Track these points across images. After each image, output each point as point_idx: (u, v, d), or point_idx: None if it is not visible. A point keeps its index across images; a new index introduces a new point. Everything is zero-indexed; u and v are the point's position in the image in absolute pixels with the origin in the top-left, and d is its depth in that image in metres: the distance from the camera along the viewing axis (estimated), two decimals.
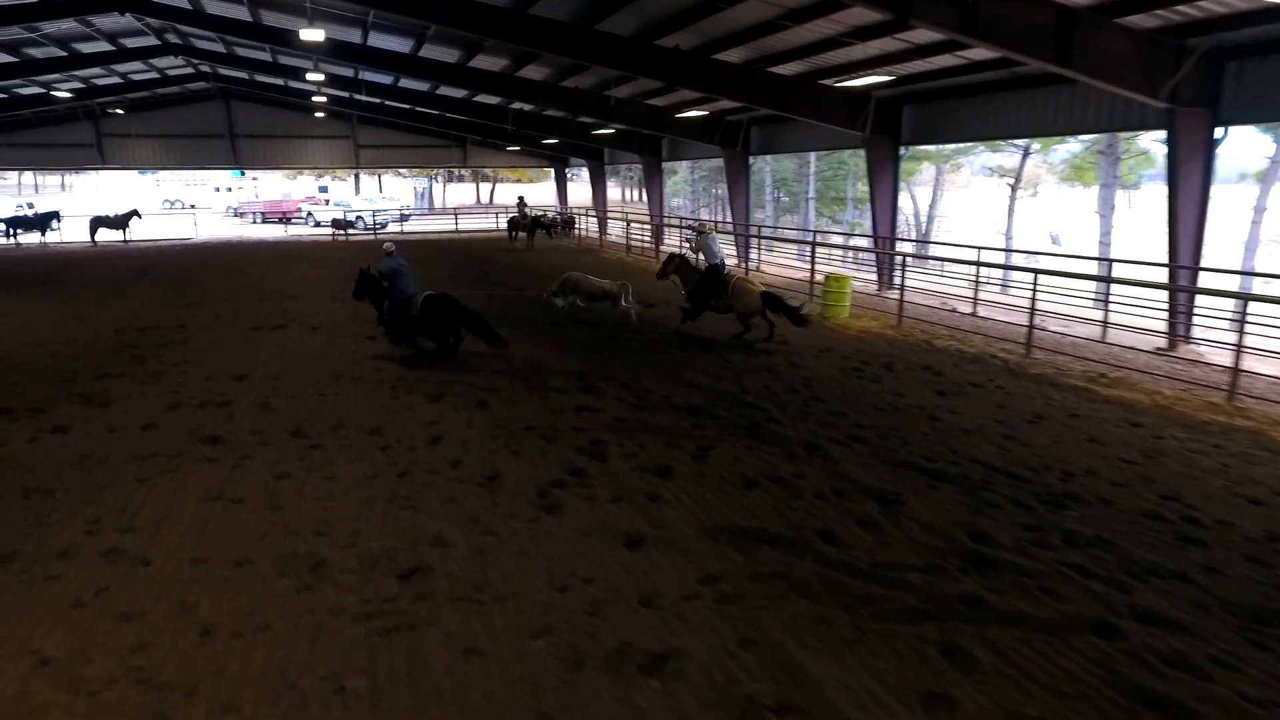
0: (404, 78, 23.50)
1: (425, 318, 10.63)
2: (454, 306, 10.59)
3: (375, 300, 11.45)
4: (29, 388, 9.66)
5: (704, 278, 12.16)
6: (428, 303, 10.63)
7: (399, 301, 10.90)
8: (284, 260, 24.77)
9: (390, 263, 11.17)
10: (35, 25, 18.92)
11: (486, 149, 36.45)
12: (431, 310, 10.59)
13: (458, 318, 10.62)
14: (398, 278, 10.97)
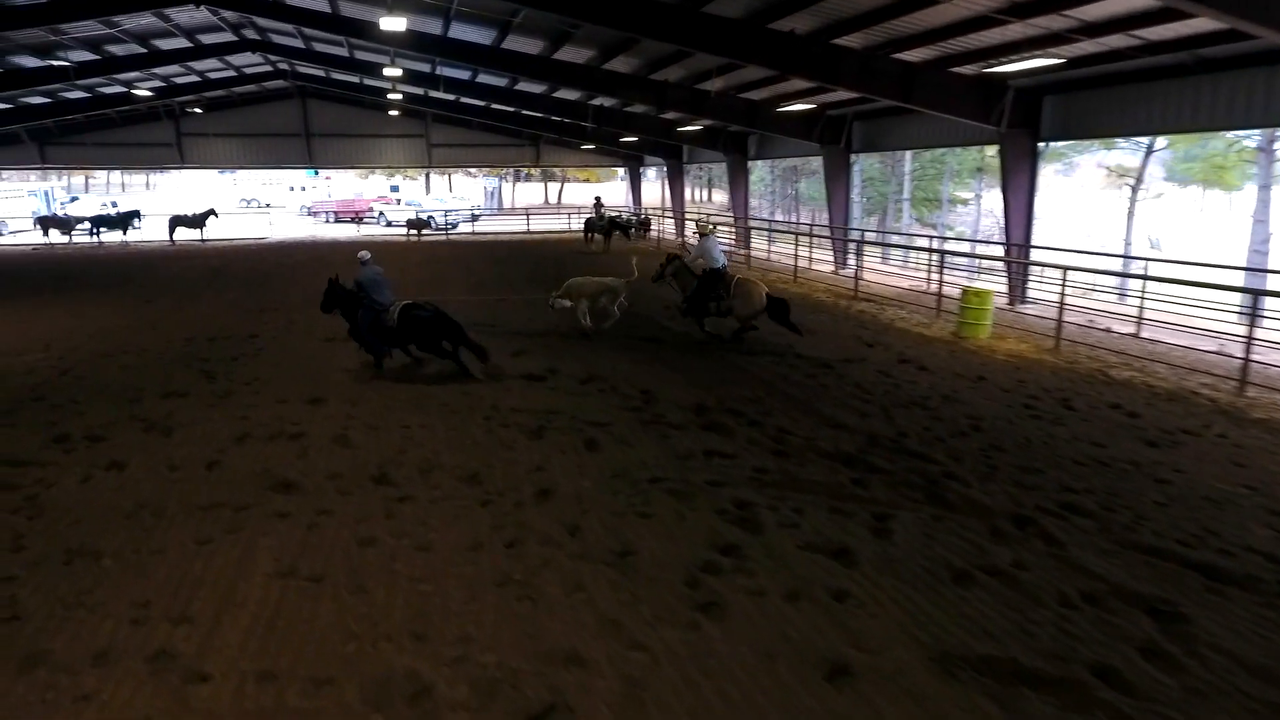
0: (483, 72, 22.51)
1: (404, 328, 9.94)
2: (434, 316, 9.87)
3: (347, 312, 10.43)
4: (91, 408, 8.78)
5: (703, 282, 11.57)
6: (405, 313, 9.89)
7: (375, 312, 10.06)
8: (357, 262, 24.07)
9: (366, 272, 10.28)
10: (114, 21, 18.49)
11: (560, 148, 35.42)
12: (410, 320, 9.87)
13: (439, 328, 9.87)
14: (374, 288, 10.13)
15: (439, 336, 9.92)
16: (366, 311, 10.12)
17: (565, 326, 12.88)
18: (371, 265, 10.40)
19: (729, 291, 11.37)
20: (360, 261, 10.42)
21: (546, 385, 9.60)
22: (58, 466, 6.97)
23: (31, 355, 11.65)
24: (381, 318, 10.01)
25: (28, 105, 27.34)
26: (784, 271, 19.81)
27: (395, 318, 9.92)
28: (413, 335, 10.06)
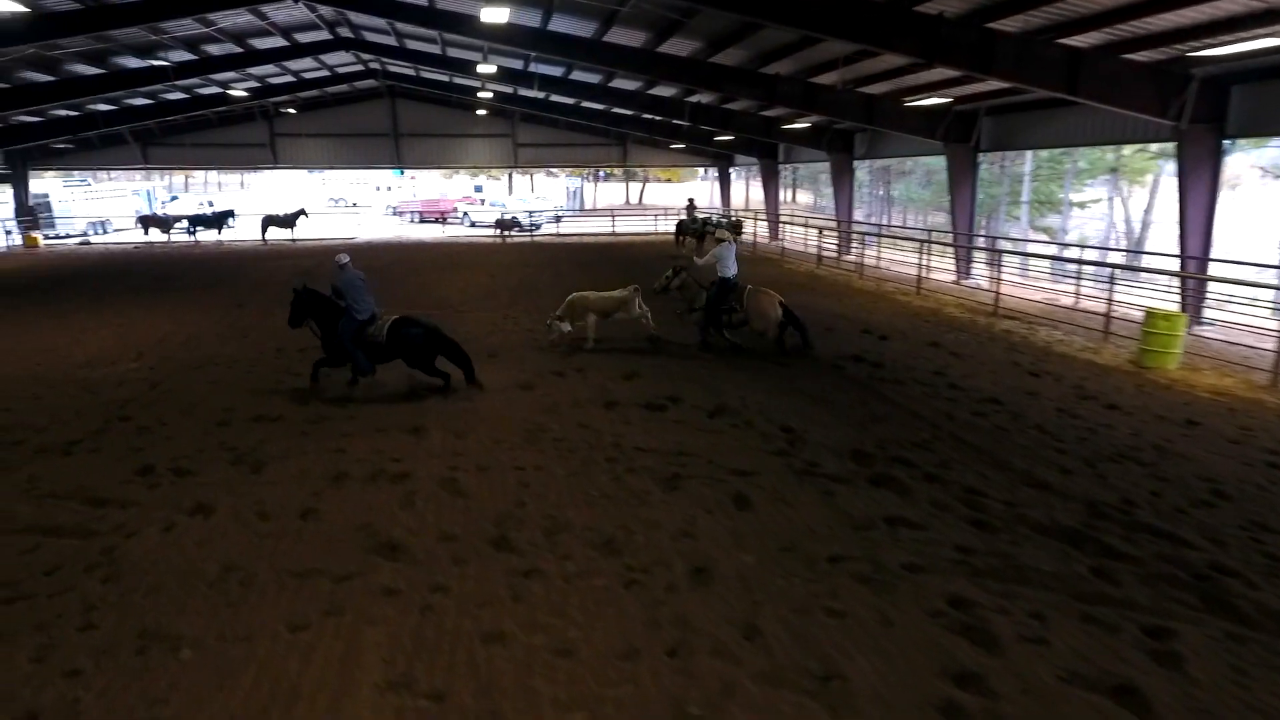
0: (578, 68, 21.56)
1: (393, 346, 9.11)
2: (428, 331, 9.15)
3: (323, 324, 9.36)
4: (179, 432, 8.06)
5: (718, 292, 10.92)
6: (397, 330, 9.09)
7: (358, 324, 9.10)
8: (445, 265, 23.51)
9: (346, 276, 9.20)
10: (210, 19, 18.25)
11: (647, 147, 34.38)
12: (401, 339, 9.08)
13: (435, 345, 9.16)
14: (355, 295, 9.12)
15: (433, 355, 9.17)
16: (348, 322, 9.13)
17: (679, 344, 11.70)
18: (351, 269, 9.34)
19: (741, 304, 10.82)
20: (338, 265, 9.36)
21: (669, 417, 8.43)
22: (139, 508, 6.17)
23: (124, 365, 11.16)
24: (367, 331, 9.13)
25: (131, 106, 27.84)
26: (901, 281, 18.19)
27: (384, 334, 9.07)
28: (403, 353, 9.20)
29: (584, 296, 11.56)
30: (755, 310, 10.86)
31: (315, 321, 9.45)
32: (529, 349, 11.75)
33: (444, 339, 9.25)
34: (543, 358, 11.17)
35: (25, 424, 8.42)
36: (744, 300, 10.83)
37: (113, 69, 21.64)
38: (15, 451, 7.58)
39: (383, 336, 9.10)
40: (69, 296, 17.69)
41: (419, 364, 9.30)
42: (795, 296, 16.45)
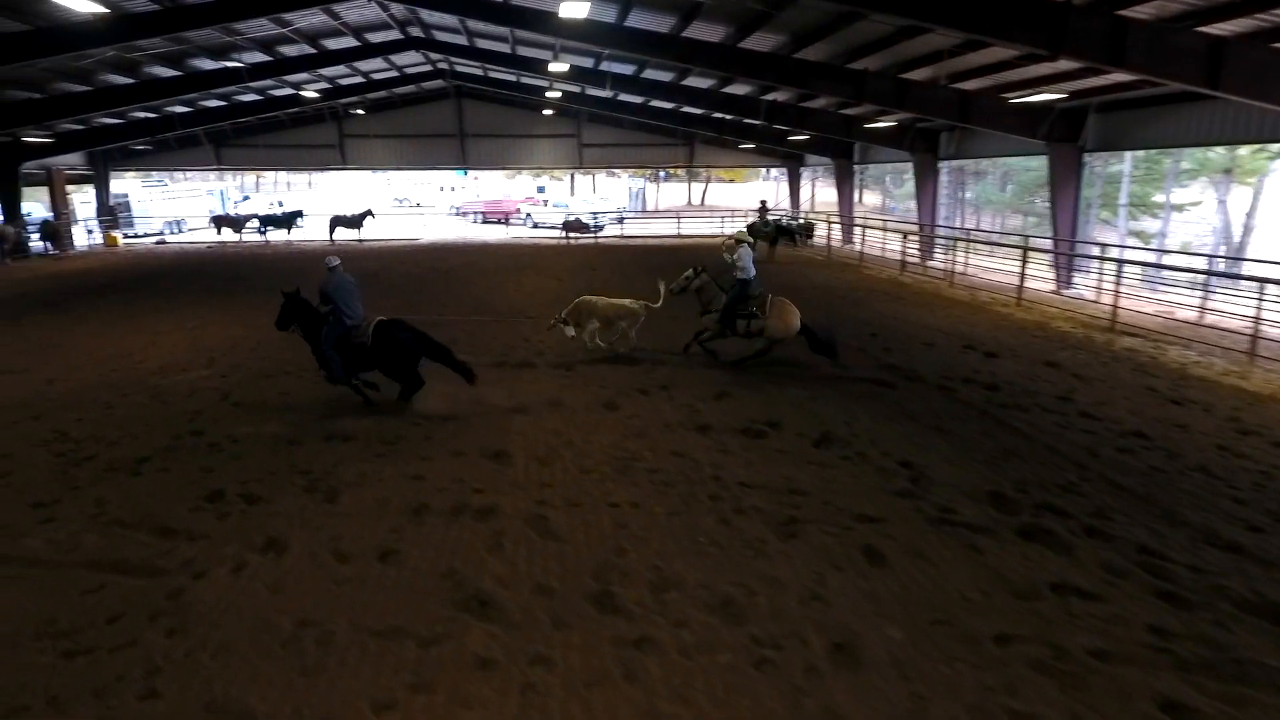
0: (651, 66, 20.88)
1: (379, 350, 8.61)
2: (416, 335, 8.74)
3: (308, 331, 8.89)
4: (251, 450, 7.63)
5: (737, 295, 10.55)
6: (382, 331, 8.58)
7: (344, 329, 8.64)
8: (511, 267, 23.10)
9: (335, 280, 8.71)
10: (285, 20, 18.13)
11: (715, 147, 33.55)
12: (387, 341, 8.58)
13: (421, 349, 8.74)
14: (345, 299, 8.66)
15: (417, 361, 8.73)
16: (332, 327, 8.67)
17: (775, 361, 10.92)
18: (341, 273, 8.83)
19: (763, 310, 10.40)
20: (328, 267, 8.84)
21: (771, 445, 7.65)
22: (209, 541, 5.68)
23: (196, 372, 10.90)
24: (351, 335, 8.62)
25: (207, 108, 28.24)
26: (996, 290, 17.01)
27: (369, 336, 8.56)
28: (388, 358, 8.68)
29: (591, 301, 11.12)
30: (777, 318, 10.40)
31: (302, 327, 9.01)
32: (600, 363, 11.10)
33: (432, 344, 8.84)
34: (622, 372, 10.51)
35: (97, 436, 8.11)
36: (765, 307, 10.44)
37: (189, 71, 21.82)
38: (86, 468, 7.24)
39: (368, 339, 8.60)
40: (145, 297, 17.77)
41: (401, 372, 8.77)
42: (884, 306, 15.53)
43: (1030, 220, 36.88)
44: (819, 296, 16.98)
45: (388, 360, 8.77)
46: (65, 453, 7.65)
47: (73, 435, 8.15)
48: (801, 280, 19.69)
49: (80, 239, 31.38)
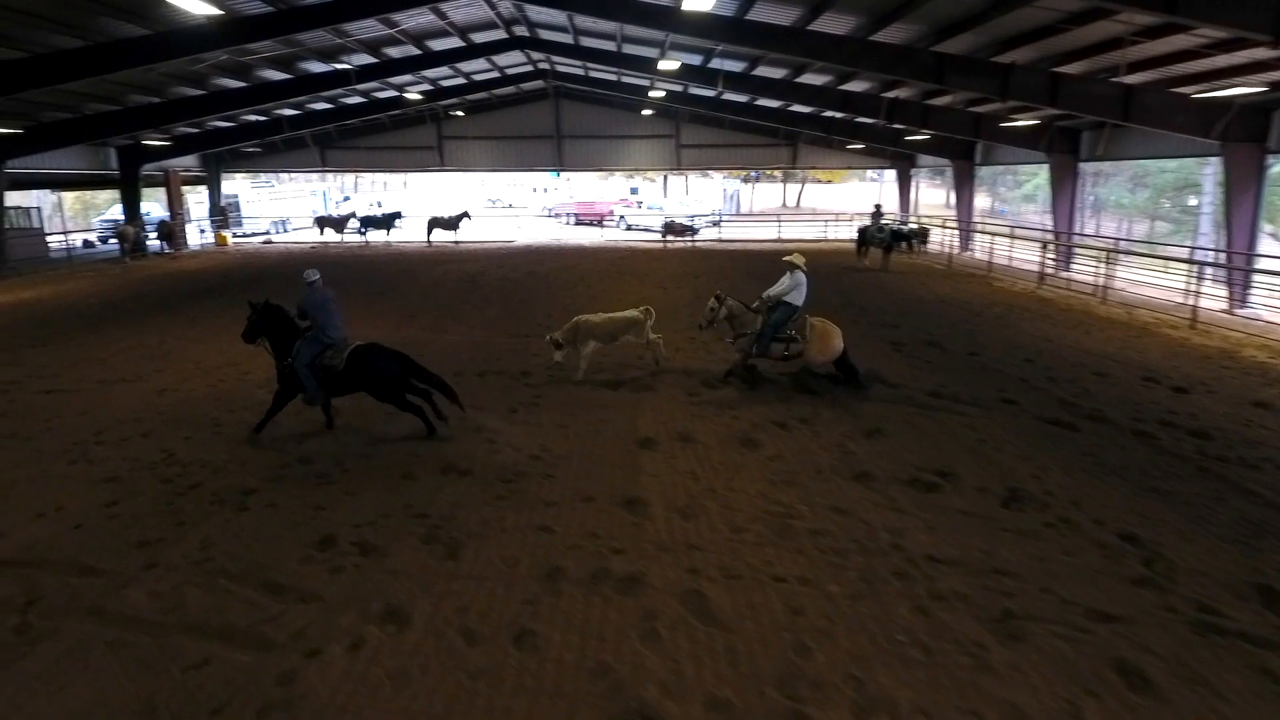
0: (765, 62, 19.75)
1: (352, 374, 7.96)
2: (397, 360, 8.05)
3: (278, 346, 8.21)
4: (362, 484, 6.99)
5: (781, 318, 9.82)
6: (358, 356, 7.96)
7: (320, 348, 8.01)
8: (611, 273, 22.37)
9: (314, 296, 8.08)
10: (394, 20, 17.86)
11: (820, 148, 32.07)
12: (364, 366, 7.95)
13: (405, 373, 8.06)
14: (325, 317, 8.05)
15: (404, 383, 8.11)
16: (309, 345, 8.02)
17: (916, 388, 9.73)
18: (321, 287, 8.15)
19: (803, 335, 9.72)
20: (306, 282, 8.15)
21: (950, 504, 6.50)
22: (322, 606, 4.99)
23: None
24: (325, 356, 7.97)
25: (314, 111, 28.64)
26: (1157, 309, 15.17)
27: (343, 360, 7.94)
28: (365, 383, 8.05)
29: (589, 321, 10.43)
30: (819, 342, 9.68)
31: (270, 341, 8.28)
32: (731, 386, 10.10)
33: (416, 367, 8.15)
34: (753, 400, 9.51)
35: (204, 460, 7.65)
36: (805, 331, 9.72)
37: (298, 74, 21.96)
38: (192, 498, 6.73)
39: (341, 363, 7.95)
40: (252, 300, 17.75)
41: (389, 398, 8.14)
42: (1031, 326, 13.96)
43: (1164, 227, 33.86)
44: (951, 313, 15.54)
45: (372, 387, 8.12)
46: (172, 478, 7.19)
47: (180, 457, 7.71)
48: (925, 293, 18.22)
49: (193, 238, 32.46)
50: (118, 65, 15.17)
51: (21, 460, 7.66)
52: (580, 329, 10.39)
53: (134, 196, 28.89)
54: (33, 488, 7.00)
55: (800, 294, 9.96)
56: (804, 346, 9.76)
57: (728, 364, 10.56)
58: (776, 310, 9.87)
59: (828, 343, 9.68)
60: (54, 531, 6.12)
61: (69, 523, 6.28)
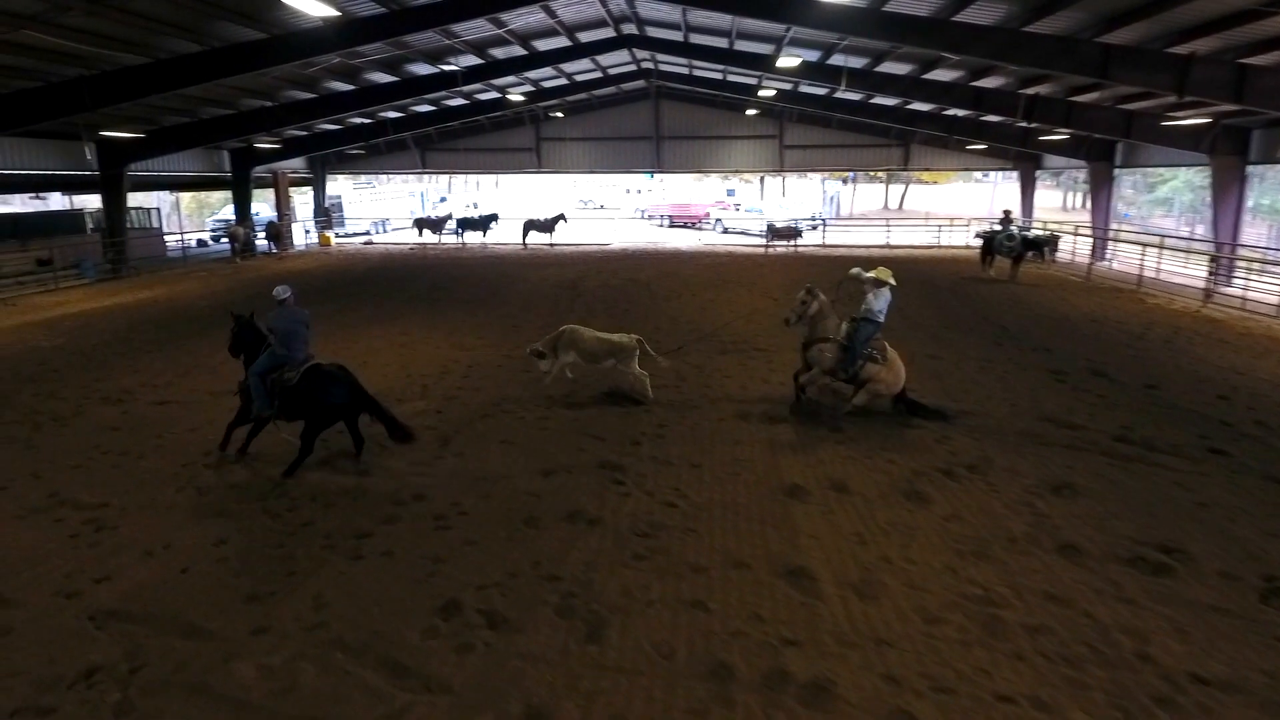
0: (893, 56, 18.36)
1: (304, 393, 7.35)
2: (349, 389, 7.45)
3: (249, 359, 7.86)
4: (484, 532, 6.31)
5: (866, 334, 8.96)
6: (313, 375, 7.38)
7: (276, 362, 7.50)
8: (713, 280, 21.39)
9: (282, 315, 7.62)
10: (503, 20, 17.38)
11: (934, 148, 30.21)
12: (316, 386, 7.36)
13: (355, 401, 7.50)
14: (287, 339, 7.55)
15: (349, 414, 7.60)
16: (270, 357, 7.58)
17: (1096, 430, 8.41)
18: (291, 306, 7.69)
19: (884, 356, 8.92)
20: (277, 300, 7.70)
21: (1194, 594, 5.29)
22: (451, 699, 4.26)
23: (410, 404, 9.89)
24: (281, 371, 7.47)
25: (417, 113, 28.74)
26: None
27: (299, 375, 7.39)
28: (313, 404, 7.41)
29: (577, 331, 9.88)
30: (893, 370, 8.99)
31: (245, 356, 7.95)
32: (878, 421, 9.00)
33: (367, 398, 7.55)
34: (905, 439, 8.41)
35: (313, 492, 7.11)
36: (885, 353, 8.96)
37: (405, 76, 21.87)
38: (302, 540, 6.15)
39: (295, 378, 7.39)
40: (356, 305, 17.64)
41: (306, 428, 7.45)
42: (1208, 353, 12.25)
43: None
44: (1109, 335, 13.93)
45: (304, 410, 7.41)
46: (281, 513, 6.65)
47: (290, 490, 7.18)
48: (1068, 309, 16.52)
49: (298, 238, 33.20)
50: (235, 69, 15.20)
51: (133, 483, 7.30)
52: (563, 338, 9.86)
53: (245, 198, 29.66)
54: (142, 518, 6.59)
55: (885, 312, 9.07)
56: (880, 370, 8.90)
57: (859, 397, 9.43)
58: (862, 326, 8.95)
59: (899, 371, 9.00)
60: (161, 576, 5.62)
61: (176, 564, 5.78)
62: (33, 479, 7.43)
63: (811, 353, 9.19)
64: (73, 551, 5.99)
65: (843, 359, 8.98)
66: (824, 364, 9.07)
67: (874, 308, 8.99)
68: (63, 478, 7.43)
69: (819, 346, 9.11)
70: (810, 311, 9.19)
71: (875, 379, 8.92)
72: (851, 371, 8.99)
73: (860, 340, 8.90)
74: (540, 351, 10.00)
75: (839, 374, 9.10)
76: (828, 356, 9.05)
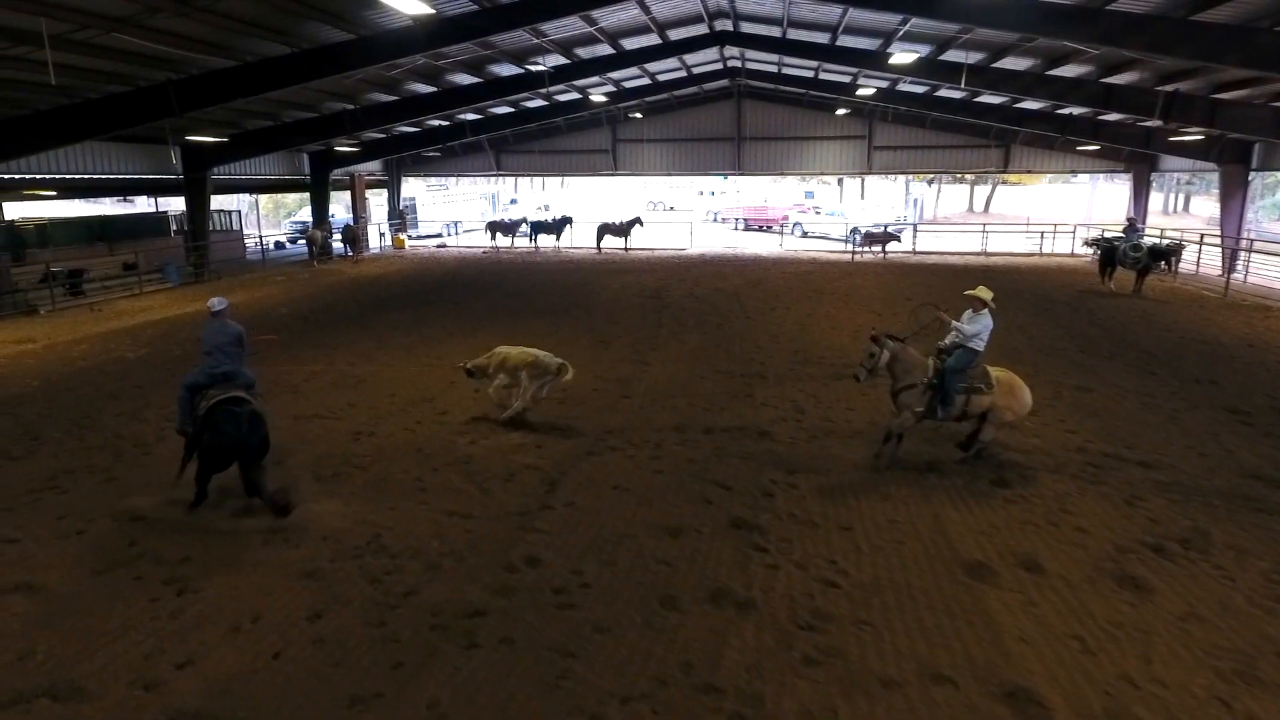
0: (1017, 52, 16.82)
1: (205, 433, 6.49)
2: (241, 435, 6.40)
3: None
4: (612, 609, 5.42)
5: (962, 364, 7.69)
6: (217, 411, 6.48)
7: (198, 387, 6.82)
8: (804, 291, 20.15)
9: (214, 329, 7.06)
10: (594, 18, 16.50)
11: (1038, 149, 28.25)
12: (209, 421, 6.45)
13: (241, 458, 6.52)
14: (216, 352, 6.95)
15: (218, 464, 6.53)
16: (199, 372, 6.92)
17: None
18: (223, 321, 7.11)
19: (988, 384, 7.71)
20: (211, 312, 7.14)
21: None
22: None
23: (506, 435, 9.08)
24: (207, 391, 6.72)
25: (495, 115, 28.21)
26: None
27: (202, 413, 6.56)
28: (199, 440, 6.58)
29: (505, 352, 9.36)
30: (1009, 394, 7.76)
31: None
32: (1041, 466, 7.77)
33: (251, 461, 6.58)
34: (1086, 499, 7.14)
35: (416, 548, 6.28)
36: (990, 380, 7.71)
37: (488, 77, 21.24)
38: (407, 616, 5.32)
39: (200, 414, 6.59)
40: (435, 316, 17.03)
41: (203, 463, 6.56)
42: None
43: None
44: (1275, 362, 12.25)
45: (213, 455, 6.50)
46: (381, 577, 5.82)
47: (386, 542, 6.38)
48: (1216, 331, 14.77)
49: (374, 241, 33.09)
50: (322, 72, 14.72)
51: (215, 532, 6.56)
52: (494, 360, 9.35)
53: (323, 201, 29.60)
54: (227, 577, 5.84)
55: (985, 339, 7.86)
56: (991, 398, 7.67)
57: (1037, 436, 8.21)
58: (952, 355, 7.76)
59: (1020, 394, 7.83)
60: (250, 661, 4.83)
61: (267, 646, 4.99)
62: (112, 521, 6.79)
63: (901, 399, 7.95)
64: (152, 623, 5.26)
65: (936, 399, 7.74)
66: (914, 409, 7.84)
67: (967, 332, 7.76)
68: (143, 522, 6.76)
69: (909, 393, 7.86)
70: (881, 363, 7.90)
71: (994, 409, 7.70)
72: (953, 412, 7.78)
73: (954, 373, 7.68)
74: (471, 370, 9.59)
75: (938, 417, 7.89)
76: (916, 401, 7.81)
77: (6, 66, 12.68)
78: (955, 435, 8.41)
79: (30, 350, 14.01)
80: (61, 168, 19.31)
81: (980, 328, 7.83)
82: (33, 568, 5.98)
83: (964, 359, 7.78)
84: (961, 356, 7.78)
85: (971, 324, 7.83)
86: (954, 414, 7.86)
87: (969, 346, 7.79)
